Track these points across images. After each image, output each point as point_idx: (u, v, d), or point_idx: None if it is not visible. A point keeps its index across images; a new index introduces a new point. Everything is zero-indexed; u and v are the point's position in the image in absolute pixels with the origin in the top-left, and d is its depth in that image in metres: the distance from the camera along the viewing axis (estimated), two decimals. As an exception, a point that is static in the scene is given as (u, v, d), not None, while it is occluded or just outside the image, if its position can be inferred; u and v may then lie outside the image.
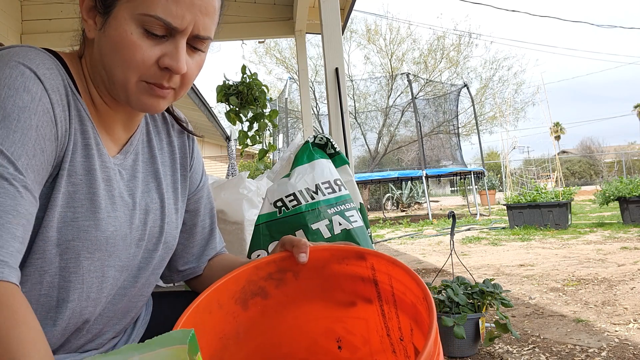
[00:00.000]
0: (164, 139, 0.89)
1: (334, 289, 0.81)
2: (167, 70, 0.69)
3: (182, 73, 0.69)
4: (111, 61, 0.69)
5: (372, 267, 0.76)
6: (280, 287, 0.82)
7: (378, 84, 16.23)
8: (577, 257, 4.57)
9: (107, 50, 0.69)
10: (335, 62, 2.33)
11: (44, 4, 3.61)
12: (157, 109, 0.73)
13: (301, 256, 0.78)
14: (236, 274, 0.78)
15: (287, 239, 0.82)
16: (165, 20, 0.66)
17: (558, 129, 39.15)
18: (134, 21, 0.66)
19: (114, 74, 0.69)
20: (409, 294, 0.70)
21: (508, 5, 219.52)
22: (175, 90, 0.73)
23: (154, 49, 0.68)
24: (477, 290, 2.20)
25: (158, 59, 0.68)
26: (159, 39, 0.68)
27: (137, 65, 0.68)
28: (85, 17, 0.72)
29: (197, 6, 0.68)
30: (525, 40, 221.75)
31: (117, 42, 0.67)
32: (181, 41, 0.69)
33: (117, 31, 0.67)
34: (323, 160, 1.39)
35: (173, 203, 0.88)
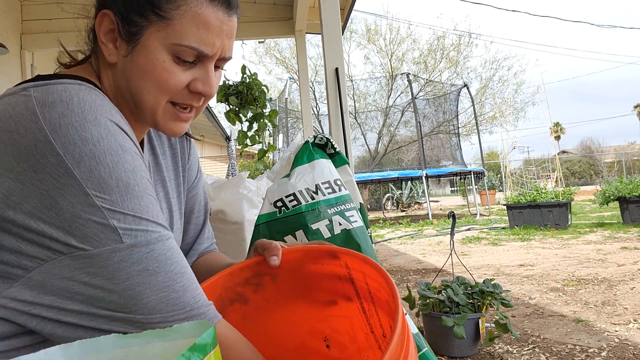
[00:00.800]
0: (165, 142, 0.90)
1: (313, 289, 0.82)
2: (198, 94, 0.72)
3: (213, 96, 0.73)
4: (141, 87, 0.70)
5: (346, 266, 0.77)
6: (259, 291, 0.82)
7: (378, 84, 16.22)
8: (577, 257, 4.56)
9: (136, 77, 0.70)
10: (335, 62, 2.33)
11: (44, 4, 3.61)
12: (180, 132, 0.75)
13: (272, 259, 0.79)
14: (211, 282, 0.78)
15: (259, 243, 0.84)
16: (198, 50, 0.68)
17: (558, 129, 39.14)
18: (166, 50, 0.68)
19: (143, 99, 0.71)
20: (382, 291, 0.71)
21: (508, 5, 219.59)
22: (197, 108, 0.76)
23: (185, 73, 0.70)
24: (477, 290, 2.20)
25: (189, 83, 0.71)
26: (189, 65, 0.70)
27: (170, 90, 0.70)
28: (103, 40, 0.71)
29: (224, 32, 0.71)
30: (525, 40, 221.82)
31: (149, 70, 0.69)
32: (210, 65, 0.72)
33: (148, 59, 0.68)
34: (323, 160, 1.39)
35: (178, 209, 0.88)
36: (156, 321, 0.58)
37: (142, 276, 0.57)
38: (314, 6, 3.88)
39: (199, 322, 0.44)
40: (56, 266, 0.57)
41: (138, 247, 0.58)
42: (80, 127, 0.58)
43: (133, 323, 0.57)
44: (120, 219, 0.58)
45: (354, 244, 1.22)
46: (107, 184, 0.58)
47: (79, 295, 0.57)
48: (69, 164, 0.56)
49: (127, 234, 0.57)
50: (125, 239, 0.57)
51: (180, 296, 0.59)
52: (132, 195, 0.60)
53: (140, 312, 0.57)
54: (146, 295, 0.57)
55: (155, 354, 0.43)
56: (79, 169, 0.56)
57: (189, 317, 0.59)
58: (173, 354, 0.40)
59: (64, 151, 0.56)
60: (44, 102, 0.58)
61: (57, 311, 0.57)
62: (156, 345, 0.43)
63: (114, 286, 0.56)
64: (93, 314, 0.57)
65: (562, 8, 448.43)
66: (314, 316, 0.84)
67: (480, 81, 18.24)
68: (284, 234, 1.25)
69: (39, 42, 3.63)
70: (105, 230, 0.56)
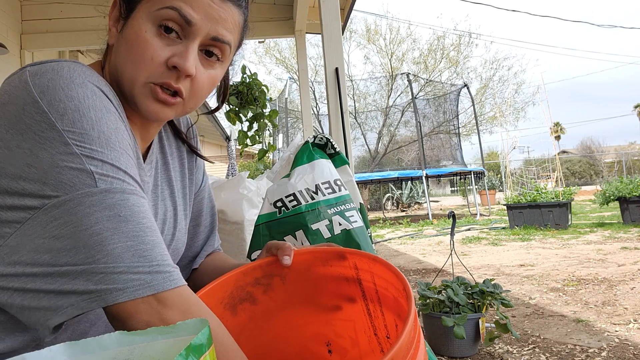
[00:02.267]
0: (173, 144, 0.90)
1: (320, 292, 0.82)
2: (175, 69, 0.68)
3: (188, 73, 0.68)
4: (123, 60, 0.68)
5: (355, 267, 0.77)
6: (268, 292, 0.82)
7: (378, 84, 16.22)
8: (577, 257, 4.56)
9: (121, 51, 0.69)
10: (335, 62, 2.33)
11: (44, 4, 3.61)
12: (161, 115, 0.71)
13: (285, 258, 0.79)
14: (224, 279, 0.78)
15: (272, 244, 0.83)
16: (180, 11, 0.66)
17: (558, 129, 39.13)
18: (150, 19, 0.67)
19: (124, 72, 0.69)
20: (390, 289, 0.71)
21: (508, 5, 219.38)
22: (184, 100, 0.71)
23: (165, 49, 0.67)
24: (477, 290, 2.20)
25: (167, 59, 0.68)
26: (171, 41, 0.68)
27: (146, 63, 0.67)
28: (110, 26, 0.72)
29: (215, 12, 0.68)
30: (525, 40, 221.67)
31: (131, 40, 0.67)
32: (192, 43, 0.68)
33: (133, 29, 0.68)
34: (323, 160, 1.39)
35: (183, 209, 0.88)
36: (119, 270, 0.54)
37: (113, 222, 0.55)
38: (314, 6, 3.88)
39: (201, 319, 0.44)
40: (30, 226, 0.55)
41: (112, 193, 0.56)
42: (67, 87, 0.58)
43: (95, 275, 0.54)
44: (98, 165, 0.57)
45: (354, 244, 1.22)
46: (89, 134, 0.57)
47: (46, 255, 0.54)
48: (53, 118, 0.56)
49: (103, 180, 0.56)
50: (100, 184, 0.56)
51: (149, 249, 0.56)
52: (113, 148, 0.59)
53: (104, 260, 0.54)
54: (113, 241, 0.54)
55: (159, 350, 0.43)
56: (62, 122, 0.56)
57: (153, 272, 0.56)
58: (176, 350, 0.40)
59: (49, 107, 0.56)
60: (35, 73, 0.59)
61: (24, 279, 0.55)
62: (160, 342, 0.43)
63: (81, 233, 0.54)
64: (56, 273, 0.54)
65: (562, 8, 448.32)
66: (319, 320, 0.84)
67: (480, 81, 18.26)
68: (283, 234, 1.25)
69: (39, 42, 3.63)
70: (81, 175, 0.55)
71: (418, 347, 0.54)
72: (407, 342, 0.51)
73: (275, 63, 18.10)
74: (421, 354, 0.54)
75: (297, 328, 0.85)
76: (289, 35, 4.11)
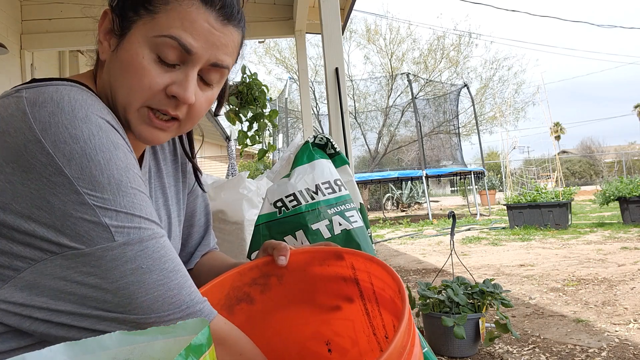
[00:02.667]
0: (166, 147, 0.89)
1: (318, 292, 0.82)
2: (175, 98, 0.67)
3: (189, 103, 0.67)
4: (117, 83, 0.67)
5: (352, 266, 0.77)
6: (265, 292, 0.82)
7: (378, 84, 16.21)
8: (577, 257, 4.56)
9: (115, 71, 0.67)
10: (335, 62, 2.33)
11: (44, 4, 3.61)
12: (156, 140, 0.70)
13: (280, 259, 0.79)
14: (220, 280, 0.78)
15: (268, 244, 0.83)
16: (180, 41, 0.64)
17: (558, 129, 39.13)
18: (148, 45, 0.65)
19: (118, 95, 0.67)
20: (387, 290, 0.71)
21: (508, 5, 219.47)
22: (180, 121, 0.70)
23: (164, 76, 0.66)
24: (477, 291, 2.20)
25: (166, 87, 0.66)
26: (170, 68, 0.66)
27: (143, 90, 0.65)
28: (101, 39, 0.70)
29: (215, 38, 0.67)
30: (525, 40, 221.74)
31: (127, 64, 0.65)
32: (192, 71, 0.67)
33: (129, 53, 0.65)
34: (323, 160, 1.39)
35: (177, 215, 0.88)
36: (151, 321, 0.56)
37: (136, 275, 0.56)
38: (314, 6, 3.88)
39: (201, 319, 0.44)
40: (48, 266, 0.55)
41: (131, 245, 0.57)
42: (70, 125, 0.56)
43: (128, 322, 0.56)
44: (112, 216, 0.56)
45: (354, 244, 1.22)
46: (99, 182, 0.56)
47: (72, 296, 0.55)
48: (60, 163, 0.55)
49: (120, 232, 0.56)
50: (118, 237, 0.56)
51: (175, 294, 0.58)
52: (124, 192, 0.58)
53: (135, 311, 0.56)
54: (141, 294, 0.56)
55: (159, 350, 0.43)
56: (70, 167, 0.55)
57: (185, 316, 0.58)
58: (177, 350, 0.40)
59: (54, 149, 0.55)
60: (34, 102, 0.57)
61: (49, 312, 0.56)
62: (160, 342, 0.43)
63: (108, 285, 0.55)
64: (86, 314, 0.56)
65: (562, 8, 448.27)
66: (318, 319, 0.84)
67: (480, 81, 18.26)
68: (284, 234, 1.25)
69: (39, 42, 3.63)
70: (97, 229, 0.55)
71: (412, 351, 0.54)
72: (400, 344, 0.51)
73: (275, 63, 18.10)
74: (416, 356, 0.54)
75: (296, 327, 0.85)
76: (289, 35, 4.11)
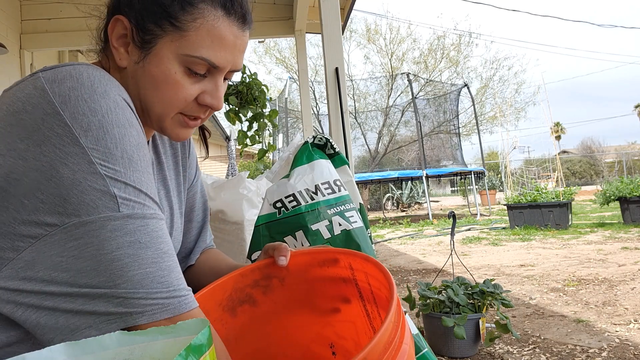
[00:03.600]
0: (167, 141, 0.90)
1: (319, 293, 0.82)
2: (205, 106, 0.73)
3: (220, 109, 0.74)
4: (152, 96, 0.71)
5: (350, 267, 0.77)
6: (267, 293, 0.82)
7: (378, 83, 16.21)
8: (578, 257, 4.56)
9: (147, 84, 0.70)
10: (335, 62, 2.33)
11: (44, 3, 3.61)
12: (186, 137, 0.77)
13: (281, 259, 0.79)
14: (222, 281, 0.79)
15: (269, 246, 0.84)
16: (210, 62, 0.69)
17: (558, 128, 39.14)
18: (178, 60, 0.69)
19: (153, 108, 0.71)
20: (383, 290, 0.71)
21: (508, 5, 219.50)
22: (203, 119, 0.77)
23: (194, 86, 0.71)
24: (477, 291, 2.20)
25: (198, 96, 0.72)
26: (199, 77, 0.71)
27: (179, 102, 0.71)
28: (115, 44, 0.71)
29: (238, 47, 0.72)
30: (525, 40, 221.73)
31: (160, 80, 0.69)
32: (220, 79, 0.73)
33: (160, 69, 0.69)
34: (322, 160, 1.39)
35: (178, 208, 0.89)
36: (138, 296, 0.55)
37: (133, 248, 0.56)
38: (314, 6, 3.88)
39: (201, 319, 0.44)
40: (47, 243, 0.55)
41: (133, 219, 0.57)
42: (89, 99, 0.58)
43: (115, 299, 0.55)
44: (122, 188, 0.57)
45: (354, 245, 1.21)
46: (113, 154, 0.57)
47: (65, 273, 0.55)
48: (76, 133, 0.56)
49: (125, 204, 0.57)
50: (123, 209, 0.56)
51: (166, 275, 0.58)
52: (135, 168, 0.59)
53: (124, 286, 0.55)
54: (134, 267, 0.55)
55: (159, 350, 0.43)
56: (86, 138, 0.56)
57: (170, 297, 0.58)
58: (176, 350, 0.40)
59: (72, 121, 0.56)
60: (53, 80, 0.58)
61: (41, 296, 0.55)
62: (160, 342, 0.43)
63: (102, 256, 0.55)
64: (75, 294, 0.55)
65: (562, 8, 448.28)
66: (320, 321, 0.84)
67: (480, 81, 18.26)
68: (283, 235, 1.25)
69: (39, 42, 3.63)
70: (104, 198, 0.56)
71: (399, 347, 0.53)
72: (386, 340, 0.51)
73: (275, 63, 18.10)
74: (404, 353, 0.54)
75: (300, 329, 0.85)
76: (289, 35, 4.11)
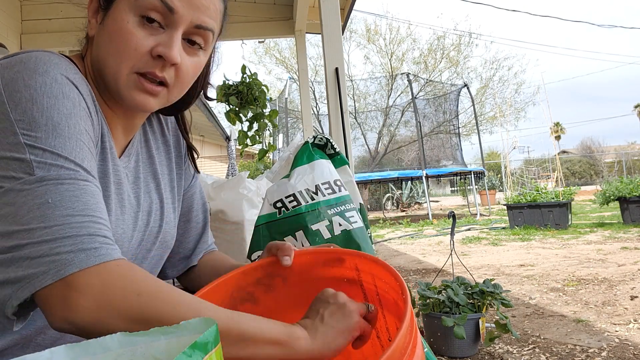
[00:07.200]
0: (159, 139, 0.90)
1: None
2: (160, 58, 0.68)
3: (174, 61, 0.68)
4: (106, 52, 0.68)
5: (356, 268, 0.77)
6: (269, 292, 0.82)
7: (378, 84, 16.22)
8: (578, 257, 4.56)
9: (103, 42, 0.69)
10: (335, 62, 2.33)
11: (44, 4, 3.61)
12: (147, 106, 0.71)
13: (285, 259, 0.79)
14: (224, 280, 0.78)
15: (272, 244, 0.83)
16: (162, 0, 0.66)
17: (558, 129, 39.13)
18: (132, 10, 0.67)
19: (107, 64, 0.69)
20: (390, 292, 0.71)
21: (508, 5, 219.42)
22: (168, 87, 0.71)
23: (149, 38, 0.67)
24: (477, 291, 2.20)
25: (152, 49, 0.68)
26: (155, 30, 0.68)
27: (130, 54, 0.67)
28: (90, 18, 0.72)
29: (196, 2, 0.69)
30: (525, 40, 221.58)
31: (113, 32, 0.67)
32: (176, 32, 0.69)
33: (115, 21, 0.67)
34: (323, 160, 1.39)
35: (171, 202, 0.88)
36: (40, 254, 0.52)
37: (41, 209, 0.54)
38: (314, 6, 3.88)
39: (205, 318, 0.44)
40: None
41: (46, 181, 0.55)
42: (27, 77, 0.59)
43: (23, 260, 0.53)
44: (39, 154, 0.56)
45: (354, 245, 1.22)
46: (37, 122, 0.57)
47: None
48: (8, 108, 0.57)
49: (40, 167, 0.56)
50: (37, 172, 0.55)
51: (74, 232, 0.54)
52: (59, 134, 0.58)
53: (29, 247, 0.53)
54: (39, 227, 0.53)
55: (161, 351, 0.43)
56: (15, 111, 0.57)
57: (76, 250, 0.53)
58: (179, 349, 0.40)
59: (8, 98, 0.58)
60: (6, 66, 0.60)
61: None
62: (162, 342, 0.43)
63: (15, 221, 0.54)
64: None
65: (562, 8, 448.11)
66: None
67: (480, 81, 18.28)
68: (283, 235, 1.25)
69: (39, 42, 3.63)
70: (22, 165, 0.55)
71: (414, 352, 0.54)
72: (402, 345, 0.51)
73: (275, 63, 18.12)
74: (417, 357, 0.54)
75: None
76: (289, 35, 4.11)
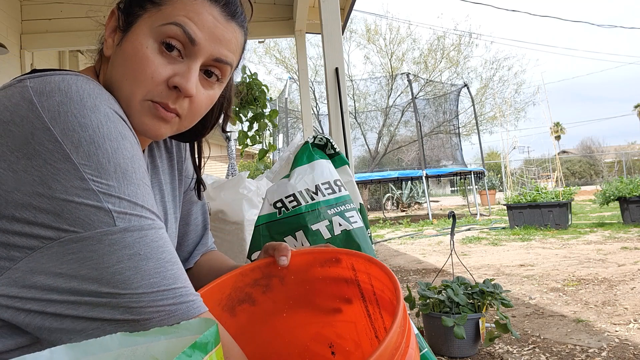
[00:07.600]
0: (162, 145, 0.89)
1: (320, 293, 0.81)
2: (176, 89, 0.67)
3: (190, 94, 0.67)
4: (121, 74, 0.67)
5: (352, 268, 0.77)
6: (267, 293, 0.82)
7: (378, 84, 16.21)
8: (578, 257, 4.56)
9: (118, 63, 0.67)
10: (335, 62, 2.33)
11: (44, 4, 3.61)
12: (158, 133, 0.70)
13: (281, 259, 0.79)
14: (221, 280, 0.78)
15: (269, 245, 0.83)
16: (184, 28, 0.65)
17: (558, 129, 39.14)
18: (152, 35, 0.66)
19: (121, 87, 0.67)
20: (386, 291, 0.71)
21: (508, 5, 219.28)
22: (180, 117, 0.70)
23: (166, 67, 0.66)
24: (477, 291, 2.20)
25: (168, 78, 0.66)
26: (173, 59, 0.66)
27: (146, 81, 0.65)
28: (107, 36, 0.71)
29: (217, 35, 0.68)
30: (525, 40, 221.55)
31: (130, 55, 0.66)
32: (194, 63, 0.67)
33: (133, 44, 0.66)
34: (323, 160, 1.39)
35: (173, 212, 0.88)
36: (143, 305, 0.55)
37: (133, 260, 0.55)
38: (314, 6, 3.88)
39: (205, 319, 0.44)
40: (44, 254, 0.54)
41: (131, 232, 0.56)
42: (79, 114, 0.56)
43: (119, 307, 0.55)
44: (115, 202, 0.56)
45: (354, 245, 1.22)
46: (105, 169, 0.56)
47: (66, 284, 0.54)
48: (67, 150, 0.55)
49: (121, 218, 0.56)
50: (119, 222, 0.55)
51: (171, 284, 0.58)
52: (129, 181, 0.58)
53: (128, 296, 0.55)
54: (136, 280, 0.55)
55: (161, 351, 0.43)
56: (77, 154, 0.55)
57: (177, 303, 0.57)
58: (179, 350, 0.40)
59: (63, 137, 0.55)
60: (41, 92, 0.57)
61: (42, 303, 0.55)
62: (163, 342, 0.43)
63: (103, 270, 0.54)
64: (78, 302, 0.55)
65: (562, 8, 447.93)
66: (320, 321, 0.83)
67: (480, 81, 18.27)
68: (283, 235, 1.25)
69: (39, 42, 3.63)
70: (99, 213, 0.55)
71: (406, 352, 0.54)
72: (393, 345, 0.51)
73: (275, 63, 18.10)
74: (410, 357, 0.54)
75: (299, 329, 0.84)
76: (289, 35, 4.11)
